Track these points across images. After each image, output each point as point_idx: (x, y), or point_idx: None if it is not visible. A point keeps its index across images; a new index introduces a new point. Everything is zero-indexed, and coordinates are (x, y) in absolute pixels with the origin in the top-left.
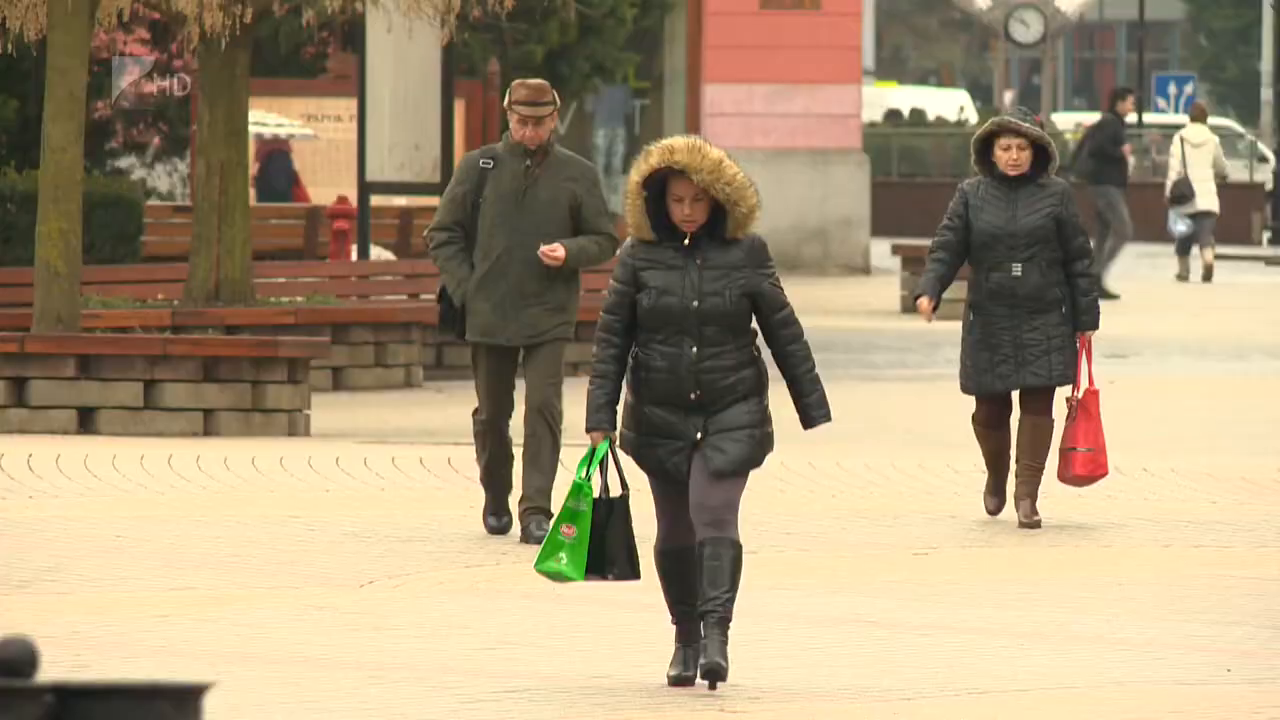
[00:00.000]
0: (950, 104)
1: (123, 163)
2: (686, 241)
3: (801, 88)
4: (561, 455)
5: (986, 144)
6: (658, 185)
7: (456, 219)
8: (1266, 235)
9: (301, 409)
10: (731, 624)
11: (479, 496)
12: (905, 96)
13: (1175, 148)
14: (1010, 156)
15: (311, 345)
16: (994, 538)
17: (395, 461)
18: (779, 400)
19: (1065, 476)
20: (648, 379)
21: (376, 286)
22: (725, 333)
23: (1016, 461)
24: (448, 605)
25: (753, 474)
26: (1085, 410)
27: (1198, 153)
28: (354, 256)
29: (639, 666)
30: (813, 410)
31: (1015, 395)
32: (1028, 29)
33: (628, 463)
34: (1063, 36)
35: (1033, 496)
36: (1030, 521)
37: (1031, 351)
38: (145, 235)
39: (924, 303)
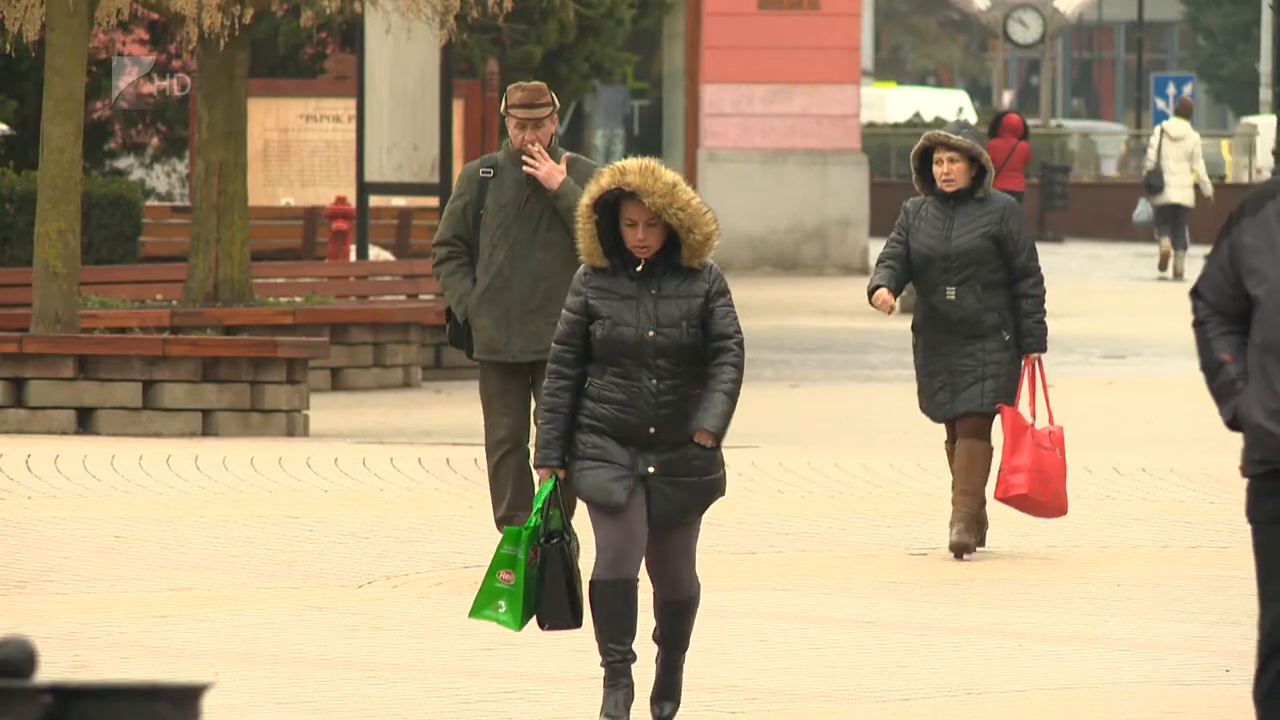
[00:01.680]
0: (949, 104)
1: (121, 163)
2: (640, 269)
3: (800, 88)
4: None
5: (926, 159)
6: (610, 209)
7: (457, 232)
8: None
9: (300, 409)
10: (681, 678)
11: (477, 496)
12: (903, 97)
13: (1154, 138)
14: (942, 170)
15: (310, 346)
16: (991, 539)
17: (394, 462)
18: (769, 399)
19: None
20: (601, 411)
21: (375, 287)
22: (679, 365)
23: (952, 487)
24: (446, 606)
25: (751, 475)
26: (1006, 431)
27: (1175, 146)
28: (353, 257)
29: (635, 667)
30: (705, 412)
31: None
32: (1026, 29)
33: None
34: (1061, 37)
35: (967, 520)
36: (961, 542)
37: (965, 379)
38: (144, 236)
39: (883, 294)
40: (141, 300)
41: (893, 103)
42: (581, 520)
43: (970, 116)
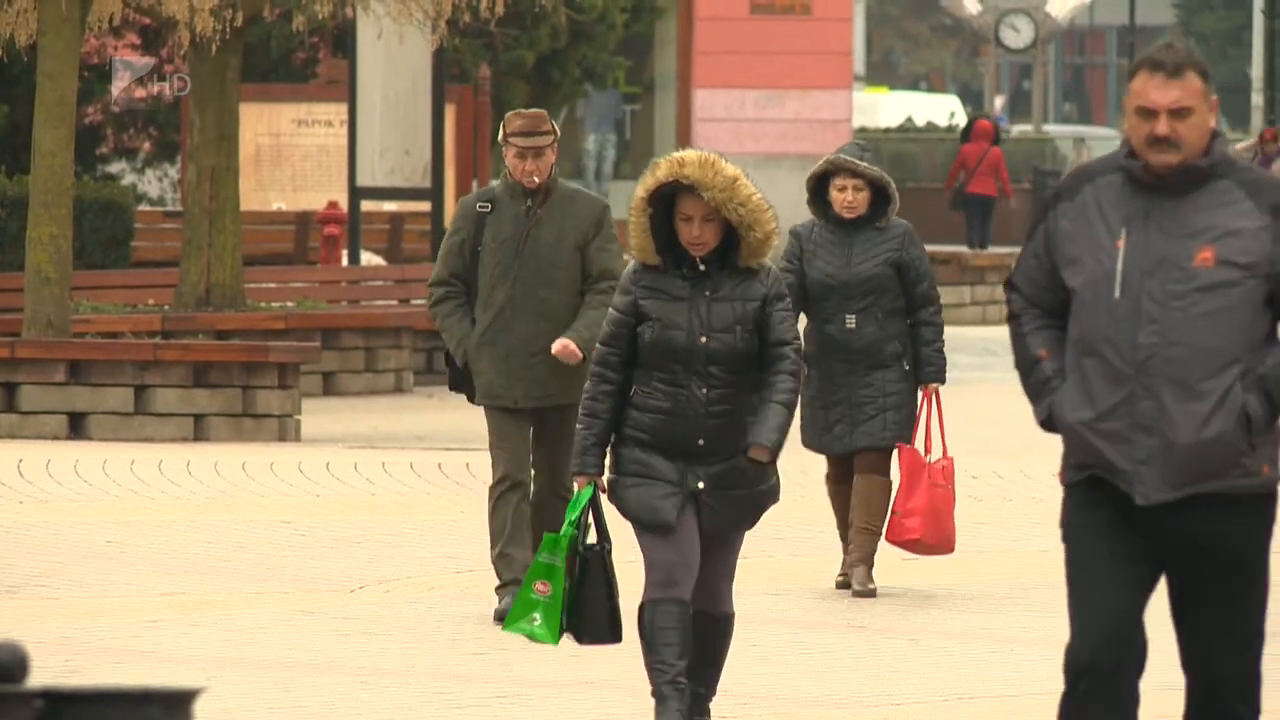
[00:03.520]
0: (941, 109)
1: (113, 168)
2: (702, 268)
3: (792, 93)
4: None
5: (821, 184)
6: (665, 203)
7: (454, 271)
8: None
9: (292, 414)
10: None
11: (469, 501)
12: (896, 102)
13: None
14: (846, 198)
15: (302, 350)
16: (984, 543)
17: (386, 466)
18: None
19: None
20: (645, 421)
21: (367, 292)
22: (733, 373)
23: (851, 525)
24: (438, 610)
25: None
26: (902, 471)
27: None
28: (344, 262)
29: (629, 671)
30: (761, 426)
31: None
32: (1018, 34)
33: (611, 514)
34: (1053, 42)
35: (867, 563)
36: (864, 590)
37: (865, 410)
38: (135, 240)
39: None
40: (133, 305)
41: (885, 108)
42: (620, 531)
43: (962, 120)
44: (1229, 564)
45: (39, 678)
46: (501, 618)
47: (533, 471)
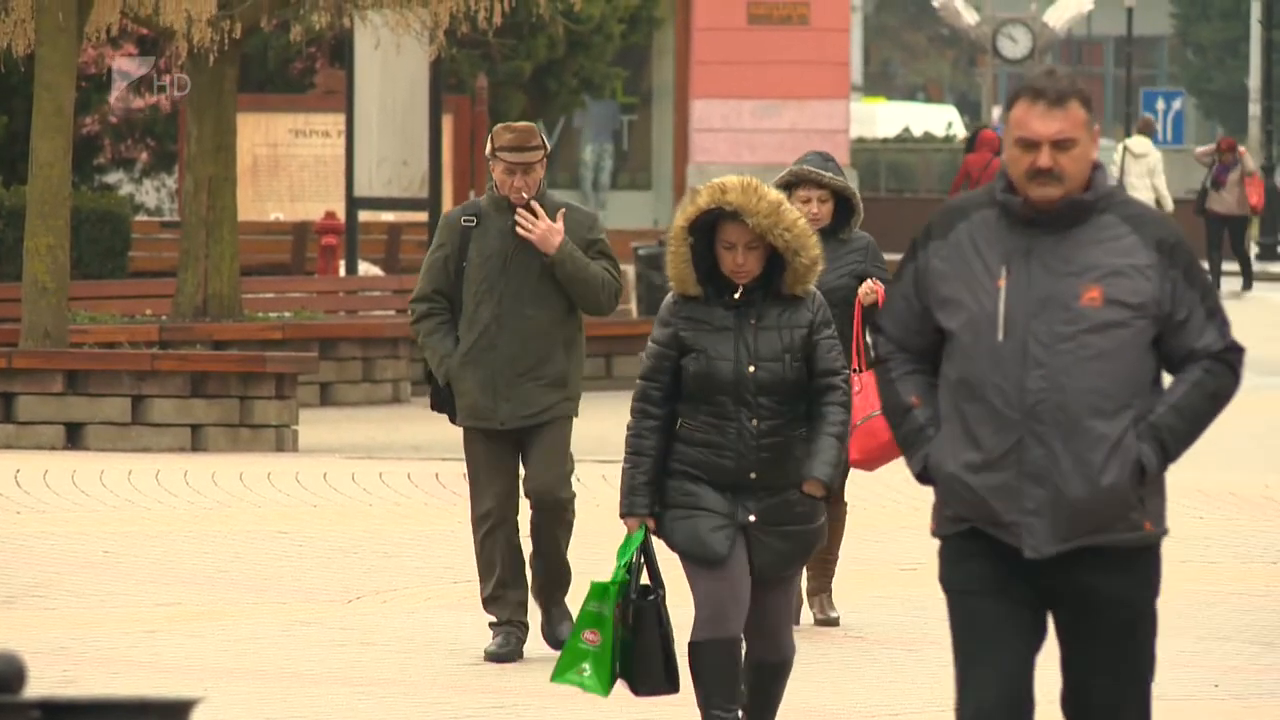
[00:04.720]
0: (938, 120)
1: (111, 178)
2: (738, 296)
3: (790, 103)
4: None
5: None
6: (705, 231)
7: (437, 286)
8: (1254, 250)
9: (289, 424)
10: None
11: (466, 513)
12: (893, 112)
13: (1117, 155)
14: (811, 210)
15: (299, 361)
16: None
17: (383, 477)
18: None
19: (852, 459)
20: (693, 455)
21: (364, 302)
22: (783, 403)
23: None
24: (435, 620)
25: None
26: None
27: (1137, 163)
28: (342, 272)
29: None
30: (814, 460)
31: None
32: (1016, 44)
33: (665, 555)
34: (1050, 52)
35: (826, 590)
36: (826, 618)
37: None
38: (133, 251)
39: None
40: (130, 315)
41: (882, 118)
42: (670, 570)
43: (959, 130)
44: (1117, 608)
45: (36, 688)
46: (494, 657)
47: (522, 490)
